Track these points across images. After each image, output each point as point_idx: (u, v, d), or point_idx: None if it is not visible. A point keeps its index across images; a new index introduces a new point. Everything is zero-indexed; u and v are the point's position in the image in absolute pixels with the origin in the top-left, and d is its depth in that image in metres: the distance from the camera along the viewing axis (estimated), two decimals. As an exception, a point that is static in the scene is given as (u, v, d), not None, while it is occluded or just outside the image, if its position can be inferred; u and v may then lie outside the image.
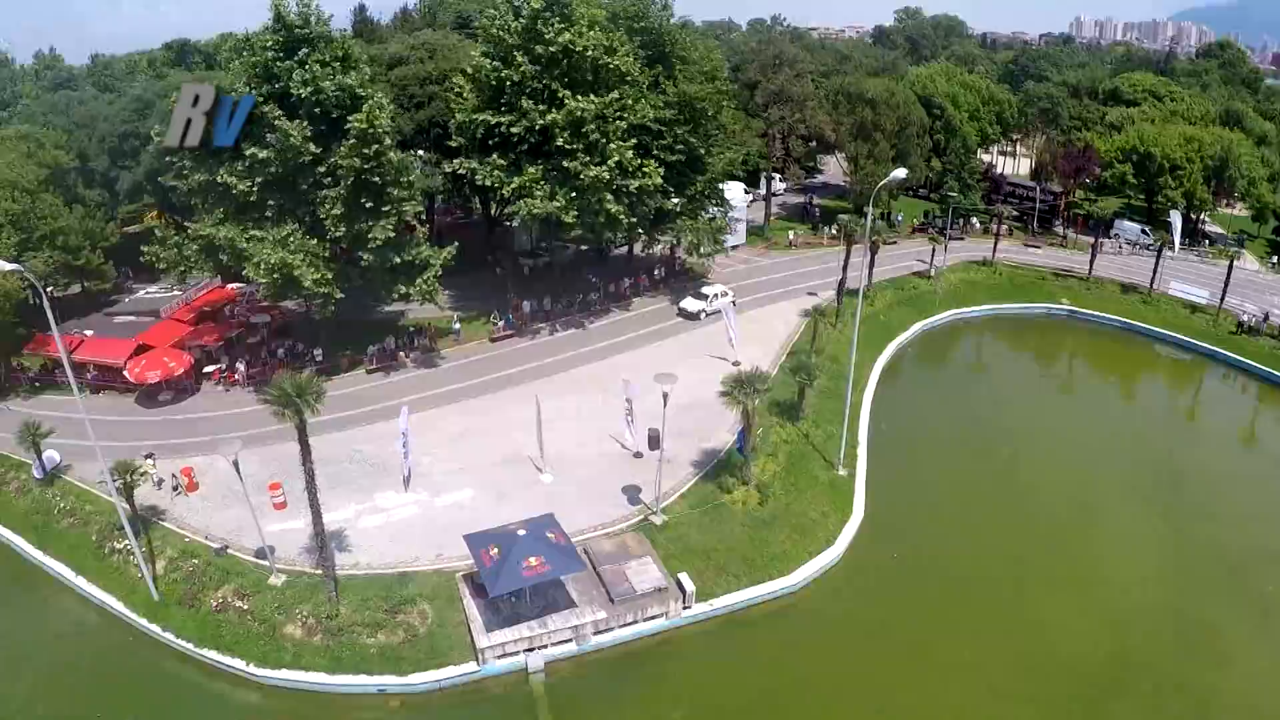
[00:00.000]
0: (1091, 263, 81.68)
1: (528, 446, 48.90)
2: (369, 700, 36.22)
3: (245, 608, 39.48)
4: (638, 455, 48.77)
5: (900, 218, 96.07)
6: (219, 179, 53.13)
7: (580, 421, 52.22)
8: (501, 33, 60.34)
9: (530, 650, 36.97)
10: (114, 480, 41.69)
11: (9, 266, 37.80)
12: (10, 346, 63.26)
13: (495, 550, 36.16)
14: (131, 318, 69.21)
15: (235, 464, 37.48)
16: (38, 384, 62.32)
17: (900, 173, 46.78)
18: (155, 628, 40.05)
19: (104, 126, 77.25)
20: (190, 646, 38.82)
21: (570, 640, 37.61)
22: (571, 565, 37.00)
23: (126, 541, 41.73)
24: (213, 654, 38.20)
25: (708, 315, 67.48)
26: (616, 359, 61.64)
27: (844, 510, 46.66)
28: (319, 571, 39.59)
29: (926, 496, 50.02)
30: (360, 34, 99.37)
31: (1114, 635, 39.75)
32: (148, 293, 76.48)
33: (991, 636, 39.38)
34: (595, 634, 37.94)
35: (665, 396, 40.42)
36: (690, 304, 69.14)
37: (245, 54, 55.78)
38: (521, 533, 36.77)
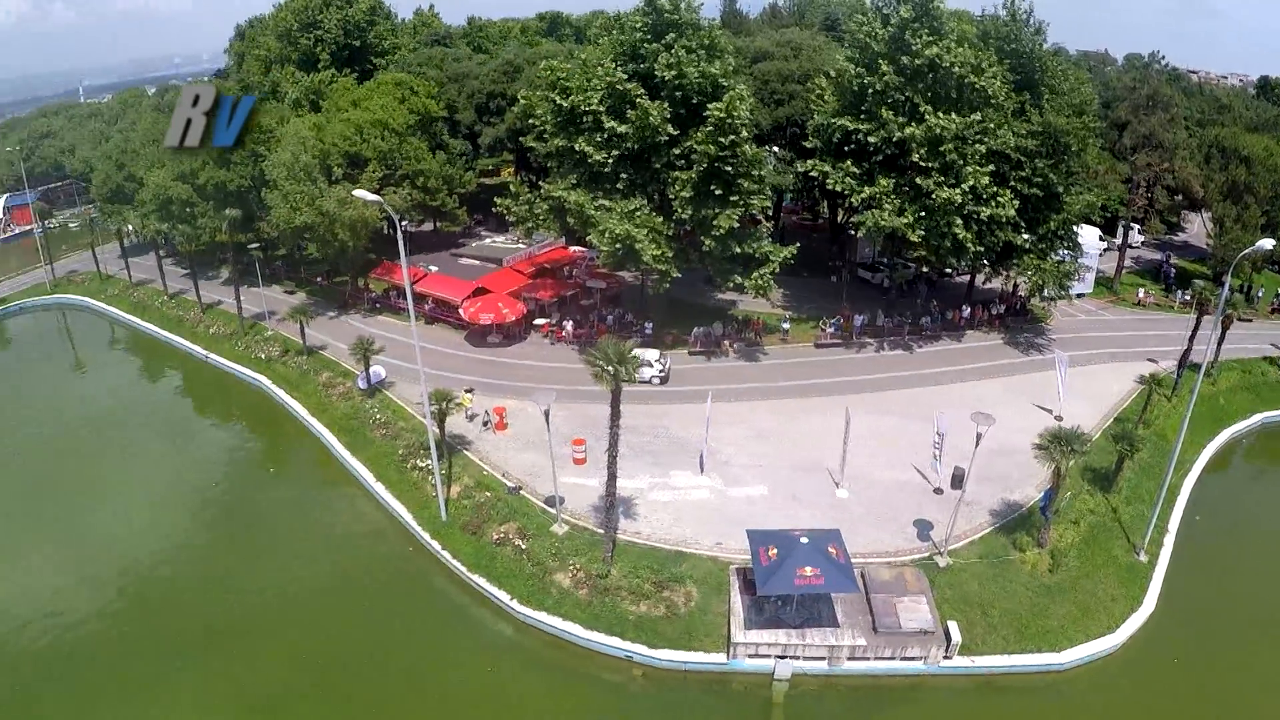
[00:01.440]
0: None
1: (829, 458, 47.98)
2: (614, 663, 37.15)
3: (523, 547, 41.90)
4: (937, 491, 46.59)
5: (1261, 293, 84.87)
6: (577, 147, 56.41)
7: (886, 444, 50.54)
8: (868, 39, 59.58)
9: (782, 658, 36.54)
10: (431, 405, 45.17)
11: (370, 198, 40.47)
12: (360, 268, 71.28)
13: (774, 551, 35.91)
14: (475, 261, 74.69)
15: (546, 413, 39.48)
16: (378, 306, 69.89)
17: (1267, 244, 40.94)
18: (435, 544, 43.57)
19: (473, 84, 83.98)
20: (463, 569, 41.80)
21: (824, 659, 36.78)
22: (845, 584, 35.93)
23: (429, 462, 45.20)
24: (482, 581, 40.92)
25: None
26: (936, 388, 58.77)
27: (1135, 598, 41.93)
28: (600, 530, 41.20)
29: (1226, 605, 43.45)
30: (728, 25, 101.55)
31: None
32: (494, 241, 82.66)
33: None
34: (849, 659, 36.86)
35: (979, 437, 38.19)
36: None
37: (614, 32, 58.85)
38: (804, 540, 36.18)
